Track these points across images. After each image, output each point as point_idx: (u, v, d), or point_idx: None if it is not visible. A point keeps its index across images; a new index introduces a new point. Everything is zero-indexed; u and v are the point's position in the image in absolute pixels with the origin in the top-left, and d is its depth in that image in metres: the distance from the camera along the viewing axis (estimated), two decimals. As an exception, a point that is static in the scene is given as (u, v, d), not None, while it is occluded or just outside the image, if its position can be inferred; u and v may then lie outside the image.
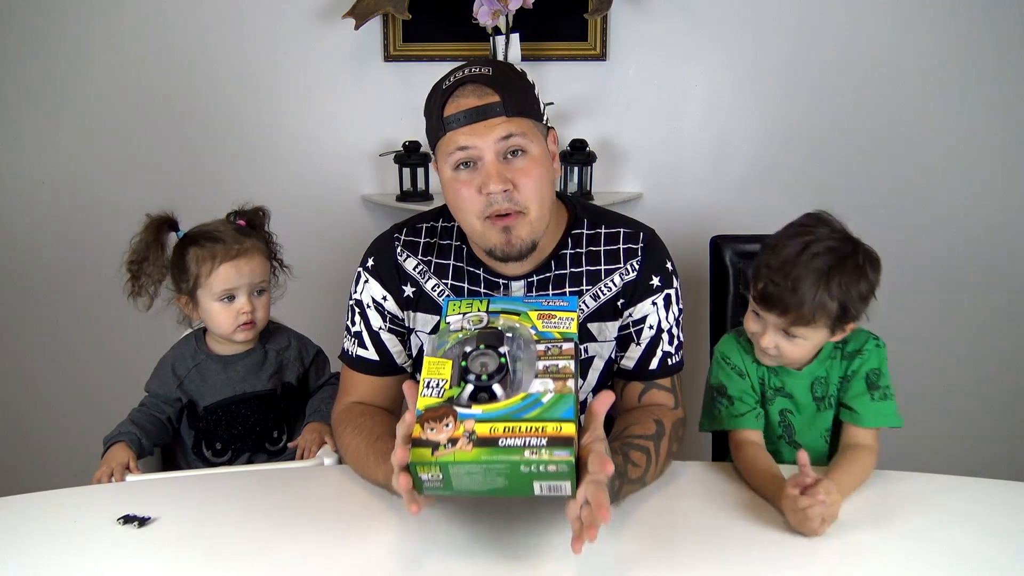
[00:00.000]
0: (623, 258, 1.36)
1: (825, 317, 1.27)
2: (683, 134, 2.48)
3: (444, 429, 1.01)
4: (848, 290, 1.25)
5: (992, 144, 2.44)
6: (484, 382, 1.04)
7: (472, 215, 1.26)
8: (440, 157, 1.27)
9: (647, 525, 1.17)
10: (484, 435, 0.99)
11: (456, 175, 1.26)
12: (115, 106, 2.47)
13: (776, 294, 1.27)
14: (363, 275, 1.41)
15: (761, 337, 1.32)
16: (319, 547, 1.13)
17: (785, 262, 1.27)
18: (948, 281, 2.50)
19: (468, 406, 1.02)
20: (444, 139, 1.25)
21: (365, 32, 2.37)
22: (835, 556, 1.10)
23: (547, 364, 1.06)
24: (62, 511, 1.23)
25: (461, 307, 1.15)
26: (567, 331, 1.10)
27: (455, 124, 1.23)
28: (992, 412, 2.58)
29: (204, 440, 1.60)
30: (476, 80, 1.24)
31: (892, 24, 2.39)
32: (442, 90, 1.25)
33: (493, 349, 1.06)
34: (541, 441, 0.98)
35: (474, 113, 1.23)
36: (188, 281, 1.56)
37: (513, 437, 0.99)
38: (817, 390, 1.36)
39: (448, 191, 1.28)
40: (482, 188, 1.24)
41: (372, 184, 2.51)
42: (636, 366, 1.38)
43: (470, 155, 1.24)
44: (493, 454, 0.98)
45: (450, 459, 0.99)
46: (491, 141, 1.23)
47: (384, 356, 1.41)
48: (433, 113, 1.26)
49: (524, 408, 1.01)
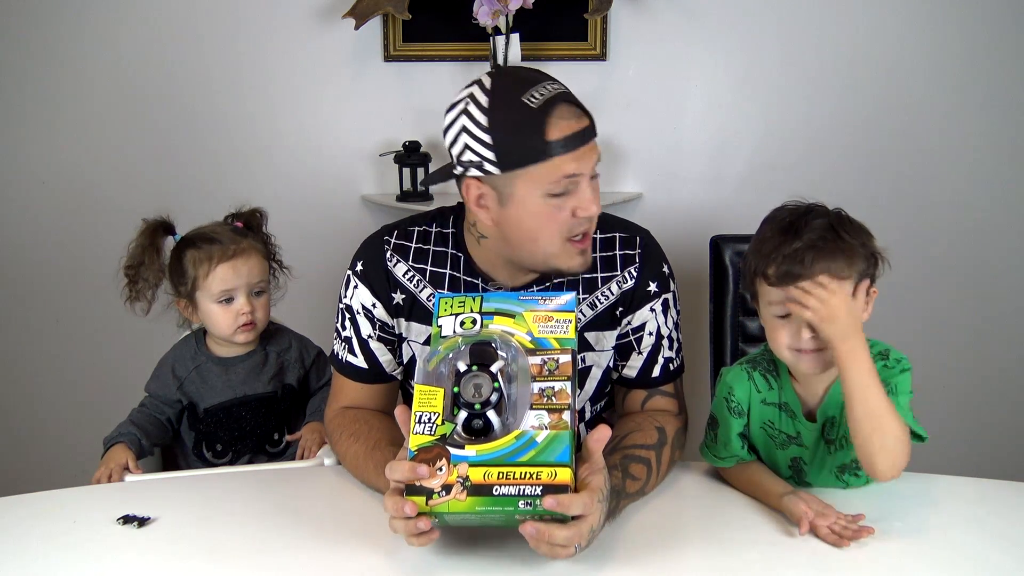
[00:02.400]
0: (620, 265, 1.34)
1: (853, 260, 1.15)
2: (683, 134, 2.48)
3: (438, 474, 1.00)
4: (858, 233, 1.18)
5: (992, 143, 2.44)
6: (478, 410, 1.03)
7: (558, 238, 1.22)
8: (530, 179, 1.18)
9: (647, 526, 1.17)
10: (478, 482, 0.99)
11: (551, 200, 1.20)
12: (115, 106, 2.47)
13: (796, 253, 1.15)
14: (352, 279, 1.37)
15: (800, 331, 1.16)
16: (319, 547, 1.13)
17: (786, 231, 1.18)
18: (948, 280, 2.49)
19: (461, 445, 1.02)
20: (548, 164, 1.17)
21: (365, 32, 2.37)
22: (835, 557, 1.10)
23: (543, 387, 1.04)
24: (62, 511, 1.23)
25: (453, 306, 1.12)
26: (565, 336, 1.08)
27: (564, 150, 1.17)
28: (992, 412, 2.57)
29: (204, 442, 1.60)
30: (568, 100, 1.20)
31: (892, 24, 2.39)
32: (534, 108, 1.16)
33: (486, 369, 1.05)
34: (536, 490, 0.98)
35: (581, 138, 1.19)
36: (186, 284, 1.56)
37: (507, 485, 0.99)
38: (829, 432, 1.24)
39: (534, 217, 1.21)
40: (577, 211, 1.20)
41: (372, 184, 2.51)
42: (639, 375, 1.36)
43: (575, 181, 1.20)
44: (488, 504, 0.99)
45: (444, 509, 0.99)
46: (590, 166, 1.21)
47: (373, 365, 1.37)
48: (524, 130, 1.16)
49: (518, 450, 1.01)
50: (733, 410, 1.25)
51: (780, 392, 1.24)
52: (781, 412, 1.24)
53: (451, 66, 2.43)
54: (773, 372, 1.25)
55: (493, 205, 1.22)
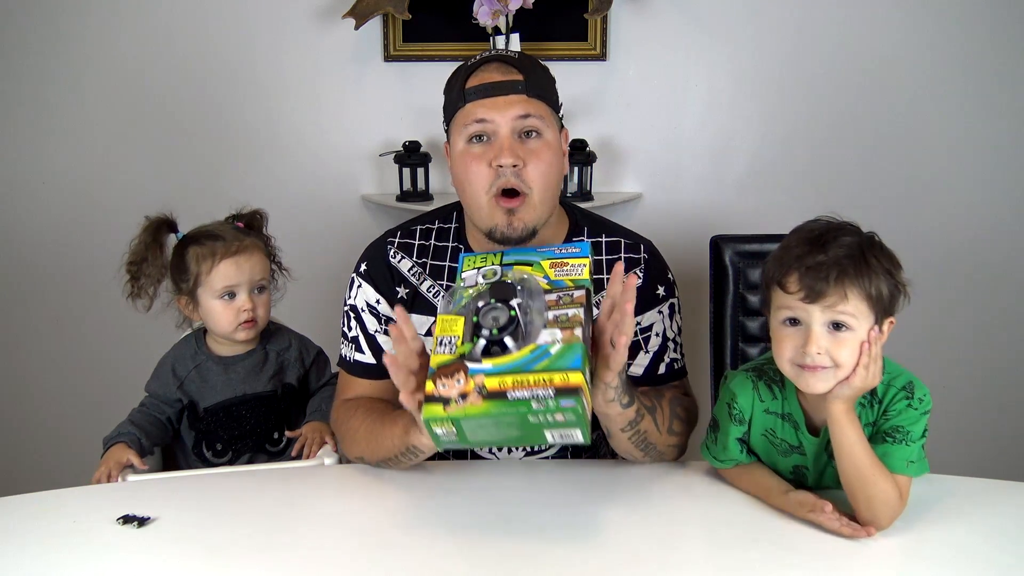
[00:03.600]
0: (624, 268, 1.35)
1: (875, 285, 1.13)
2: (683, 134, 2.48)
3: (455, 385, 1.03)
4: (887, 260, 1.15)
5: (992, 143, 2.44)
6: (495, 336, 1.05)
7: (480, 189, 1.26)
8: (455, 130, 1.28)
9: (648, 526, 1.17)
10: (494, 389, 1.02)
11: (469, 148, 1.26)
12: (115, 107, 2.47)
13: (819, 267, 1.12)
14: (356, 280, 1.41)
15: (807, 345, 1.13)
16: (319, 547, 1.13)
17: (812, 243, 1.14)
18: (949, 280, 2.49)
19: (479, 361, 1.04)
20: (462, 111, 1.26)
21: (365, 32, 2.37)
22: (835, 556, 1.10)
23: (557, 314, 1.07)
24: (62, 511, 1.23)
25: (476, 262, 1.17)
26: (579, 278, 1.12)
27: (475, 96, 1.25)
28: (992, 412, 2.57)
29: (204, 441, 1.60)
30: (502, 60, 1.27)
31: (892, 24, 2.39)
32: (466, 66, 1.29)
33: (504, 303, 1.07)
34: (548, 392, 1.00)
35: (495, 87, 1.25)
36: (188, 280, 1.56)
37: (521, 389, 1.01)
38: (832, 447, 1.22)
39: (458, 164, 1.29)
40: (493, 161, 1.25)
41: (372, 184, 2.51)
42: (645, 372, 1.38)
43: (486, 128, 1.25)
44: (502, 407, 1.01)
45: (461, 414, 1.01)
46: (509, 117, 1.25)
47: (381, 359, 1.39)
48: (454, 87, 1.29)
49: (533, 360, 1.03)
50: (734, 417, 1.24)
51: (784, 403, 1.23)
52: (784, 422, 1.24)
53: (451, 66, 2.36)
54: (779, 382, 1.24)
55: (450, 162, 1.33)
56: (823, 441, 1.21)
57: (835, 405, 1.14)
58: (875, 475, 1.13)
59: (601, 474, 1.32)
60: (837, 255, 1.12)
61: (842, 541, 1.12)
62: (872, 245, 1.16)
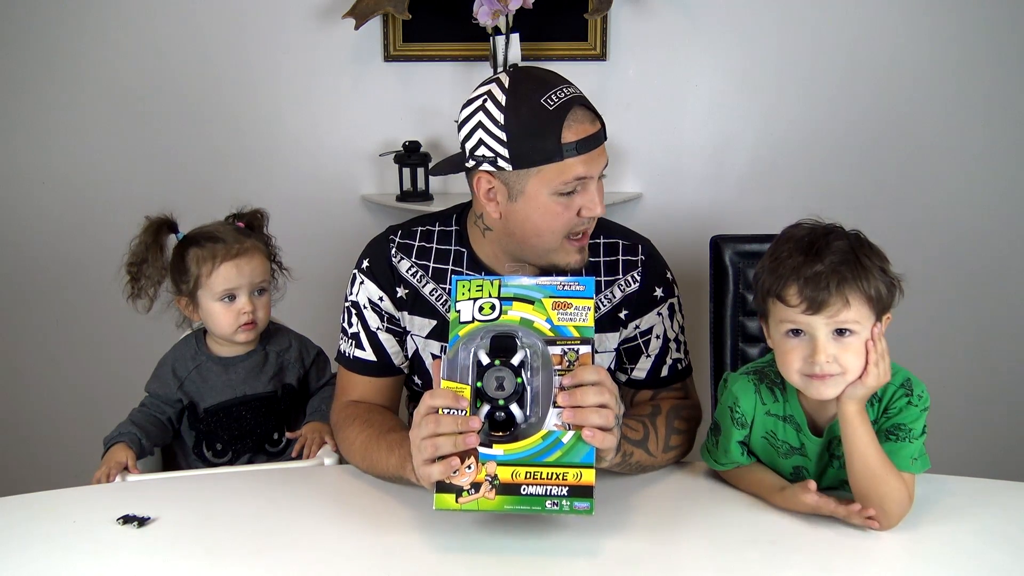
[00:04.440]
0: (622, 270, 1.37)
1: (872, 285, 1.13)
2: (683, 134, 2.48)
3: (466, 471, 1.03)
4: (878, 258, 1.16)
5: (993, 143, 2.44)
6: (501, 405, 1.05)
7: (559, 234, 1.27)
8: (541, 179, 1.22)
9: (648, 526, 1.17)
10: (506, 480, 1.03)
11: (558, 198, 1.24)
12: (115, 107, 2.47)
13: (818, 276, 1.11)
14: (358, 276, 1.41)
15: (815, 355, 1.12)
16: (319, 547, 1.13)
17: (805, 253, 1.14)
18: (948, 280, 2.49)
19: (488, 444, 1.05)
20: (560, 165, 1.21)
21: (365, 32, 2.37)
22: (835, 556, 1.10)
23: (565, 383, 1.07)
24: (62, 511, 1.23)
25: (471, 290, 1.13)
26: (583, 324, 1.10)
27: (575, 152, 1.22)
28: (992, 412, 2.57)
29: (205, 441, 1.60)
30: (583, 103, 1.24)
31: (892, 24, 2.39)
32: (549, 110, 1.20)
33: (507, 363, 1.06)
34: (562, 491, 1.02)
35: (592, 141, 1.24)
36: (188, 282, 1.56)
37: (535, 484, 1.03)
38: (835, 448, 1.23)
39: (539, 212, 1.25)
40: (583, 211, 1.25)
41: (372, 184, 2.51)
42: (648, 376, 1.39)
43: (584, 183, 1.25)
44: (516, 503, 1.03)
45: (474, 507, 1.03)
46: (598, 168, 1.26)
47: (382, 357, 1.40)
48: (546, 135, 1.20)
49: (545, 450, 1.04)
50: (736, 420, 1.24)
51: (786, 405, 1.23)
52: (785, 424, 1.24)
53: (451, 66, 2.43)
54: (779, 385, 1.24)
55: (502, 199, 1.26)
56: (826, 442, 1.22)
57: (848, 406, 1.13)
58: (886, 474, 1.13)
59: (601, 474, 1.31)
60: (833, 262, 1.12)
61: (842, 542, 1.12)
62: (862, 245, 1.17)
